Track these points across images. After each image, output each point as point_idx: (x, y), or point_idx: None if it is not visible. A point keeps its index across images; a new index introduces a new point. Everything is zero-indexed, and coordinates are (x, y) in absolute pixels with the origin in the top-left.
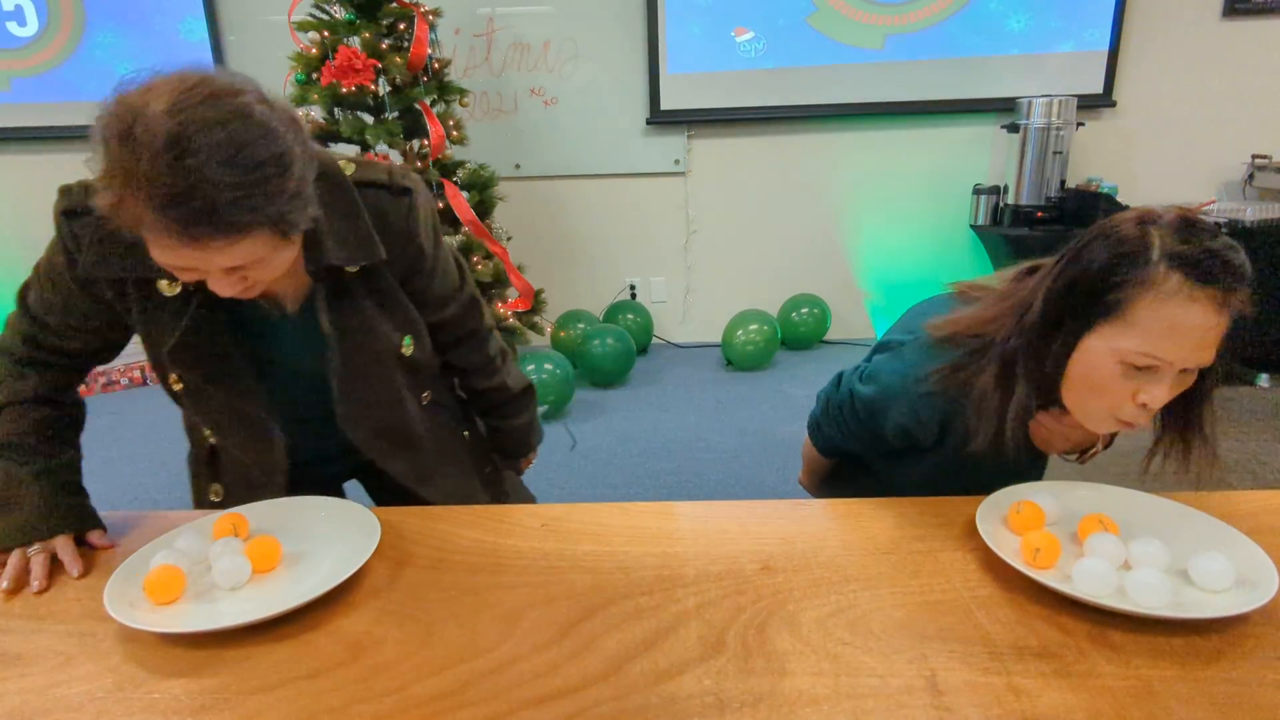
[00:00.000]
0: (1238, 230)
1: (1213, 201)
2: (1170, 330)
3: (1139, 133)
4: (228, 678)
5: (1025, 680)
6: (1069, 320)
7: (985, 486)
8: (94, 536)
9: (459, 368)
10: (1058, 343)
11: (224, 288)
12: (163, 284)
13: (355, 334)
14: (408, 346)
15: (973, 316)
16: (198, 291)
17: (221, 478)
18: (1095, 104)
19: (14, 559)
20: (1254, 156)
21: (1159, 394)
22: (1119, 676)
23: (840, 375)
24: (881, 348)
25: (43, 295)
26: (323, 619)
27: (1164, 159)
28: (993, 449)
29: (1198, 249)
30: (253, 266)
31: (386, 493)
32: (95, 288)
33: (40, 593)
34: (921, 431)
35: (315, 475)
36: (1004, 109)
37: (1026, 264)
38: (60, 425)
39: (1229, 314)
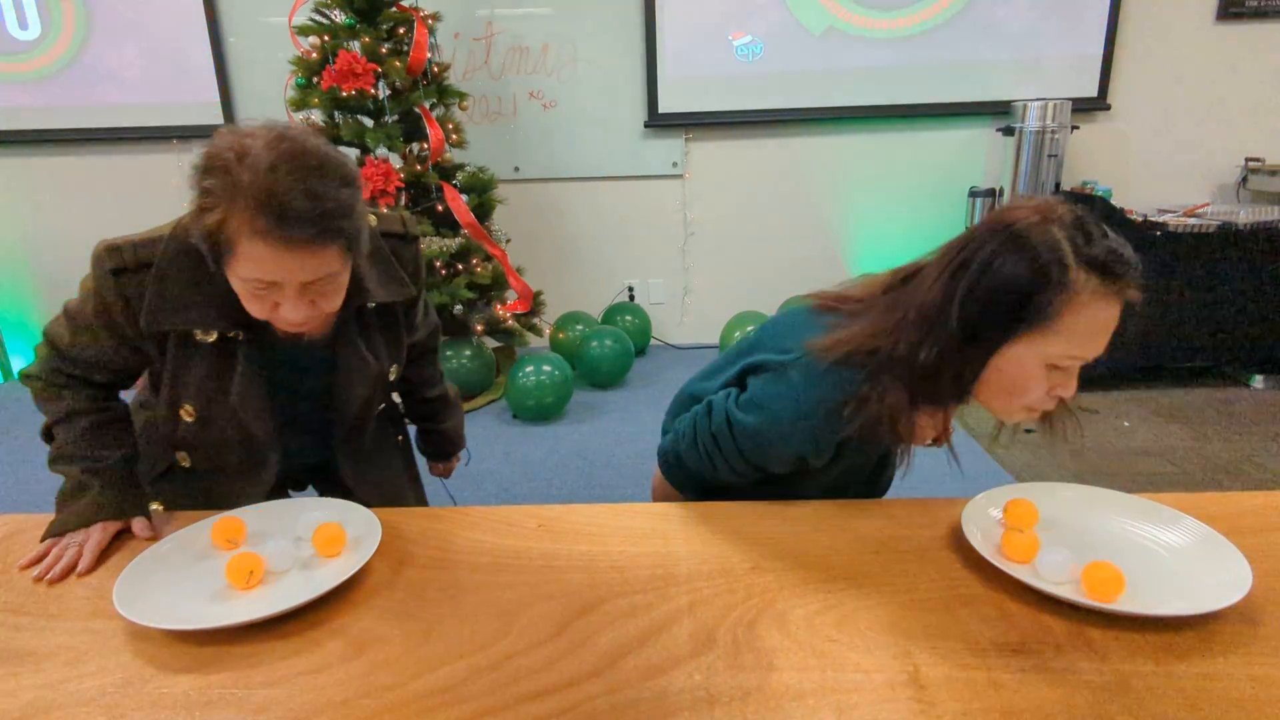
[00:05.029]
0: (1231, 233)
1: (1207, 205)
2: (1094, 332)
3: (1133, 136)
4: (233, 674)
5: (1005, 675)
6: (991, 331)
7: (843, 490)
8: (136, 525)
9: (411, 381)
10: (977, 351)
11: (296, 310)
12: (198, 333)
13: (364, 363)
14: (394, 372)
15: (862, 332)
16: (242, 331)
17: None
18: (1090, 107)
19: (57, 549)
20: (1248, 159)
21: (1073, 385)
22: (1096, 672)
23: (708, 402)
24: (754, 370)
25: (77, 338)
26: (325, 617)
27: (1158, 162)
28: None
29: (1104, 250)
30: (323, 287)
31: (320, 493)
32: (137, 338)
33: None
34: (819, 457)
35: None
36: (999, 112)
37: (901, 270)
38: (104, 430)
39: (1123, 301)
